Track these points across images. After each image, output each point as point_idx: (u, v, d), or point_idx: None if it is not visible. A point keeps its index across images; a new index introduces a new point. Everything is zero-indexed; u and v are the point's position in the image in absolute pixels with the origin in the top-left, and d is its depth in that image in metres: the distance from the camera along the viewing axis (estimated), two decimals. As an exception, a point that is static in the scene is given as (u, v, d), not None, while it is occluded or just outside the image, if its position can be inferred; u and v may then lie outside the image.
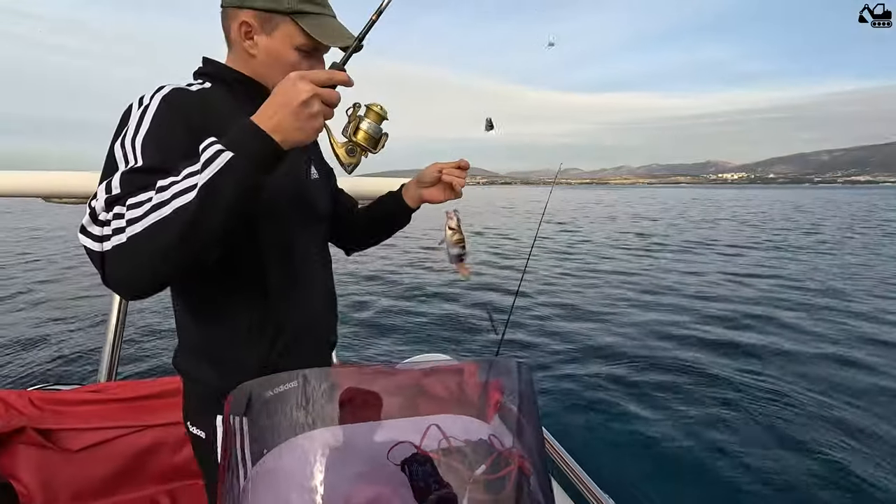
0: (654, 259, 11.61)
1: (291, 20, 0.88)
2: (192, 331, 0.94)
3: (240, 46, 0.91)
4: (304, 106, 0.70)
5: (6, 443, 1.25)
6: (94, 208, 0.69)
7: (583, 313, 6.73)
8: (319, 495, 0.65)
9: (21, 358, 5.10)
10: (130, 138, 0.76)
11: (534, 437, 0.80)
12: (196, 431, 0.94)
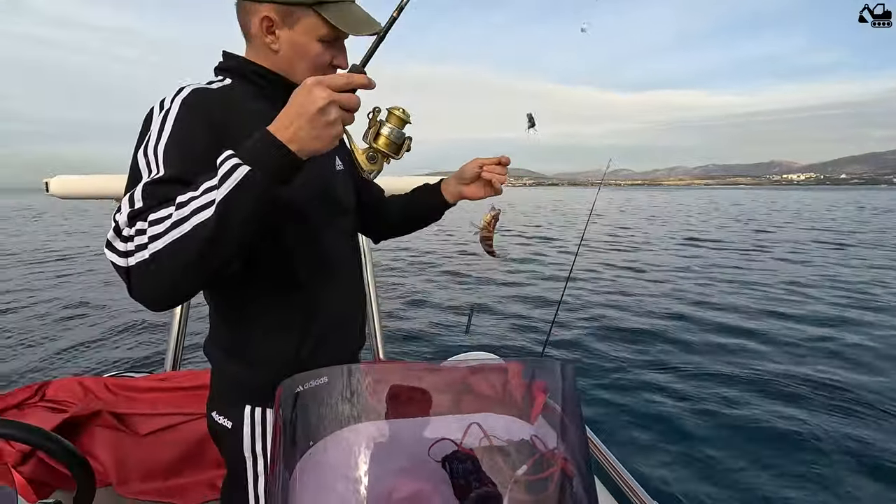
0: (718, 261, 11.03)
1: (314, 11, 0.85)
2: (221, 324, 0.95)
3: (261, 41, 0.88)
4: (320, 113, 0.67)
5: (85, 424, 1.36)
6: (117, 222, 0.68)
7: (631, 316, 6.52)
8: (363, 487, 0.66)
9: (99, 346, 5.55)
10: (153, 146, 0.75)
11: (577, 439, 0.77)
12: (221, 421, 0.94)
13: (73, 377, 1.52)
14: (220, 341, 0.95)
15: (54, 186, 1.51)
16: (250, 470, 0.93)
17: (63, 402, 1.43)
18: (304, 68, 0.89)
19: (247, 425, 0.92)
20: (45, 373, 4.82)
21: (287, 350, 0.92)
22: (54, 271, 10.39)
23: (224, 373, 0.96)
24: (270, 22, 0.86)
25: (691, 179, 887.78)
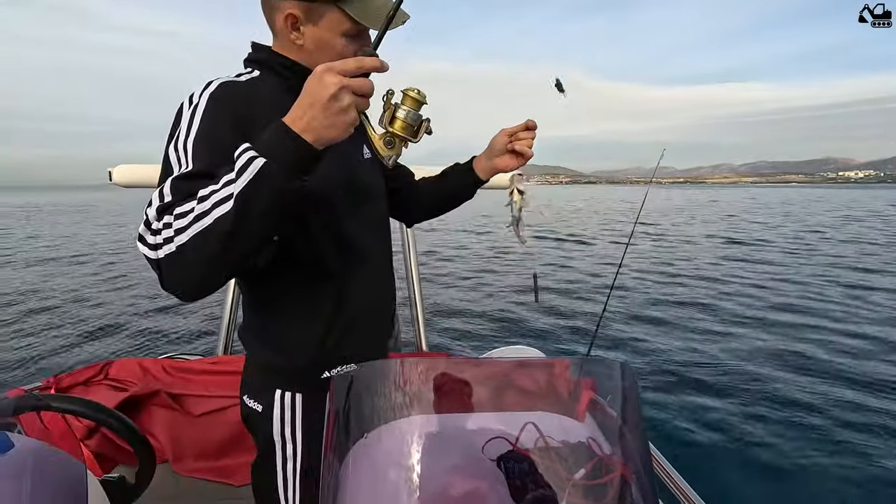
0: (767, 264, 10.48)
1: (336, 6, 0.84)
2: (252, 311, 0.96)
3: (286, 37, 0.89)
4: (332, 100, 0.66)
5: (144, 403, 1.42)
6: (147, 216, 0.70)
7: (680, 319, 6.24)
8: (416, 481, 0.65)
9: (157, 329, 5.86)
10: (182, 141, 0.76)
11: (638, 444, 0.73)
12: (252, 405, 0.96)
13: (133, 358, 1.59)
14: (251, 327, 0.97)
15: (117, 175, 1.58)
16: (279, 453, 0.94)
17: (124, 381, 1.50)
18: (329, 61, 0.89)
19: (276, 409, 0.93)
20: (107, 352, 5.12)
21: (313, 338, 0.92)
22: (119, 261, 11.03)
23: (255, 358, 0.97)
24: (295, 19, 0.86)
25: (738, 177, 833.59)
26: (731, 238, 15.09)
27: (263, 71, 0.90)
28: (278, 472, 0.95)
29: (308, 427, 0.93)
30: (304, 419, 0.93)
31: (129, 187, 1.60)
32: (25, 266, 10.47)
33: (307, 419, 0.93)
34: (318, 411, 0.89)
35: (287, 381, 0.93)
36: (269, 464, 0.95)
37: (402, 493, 0.64)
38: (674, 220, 22.89)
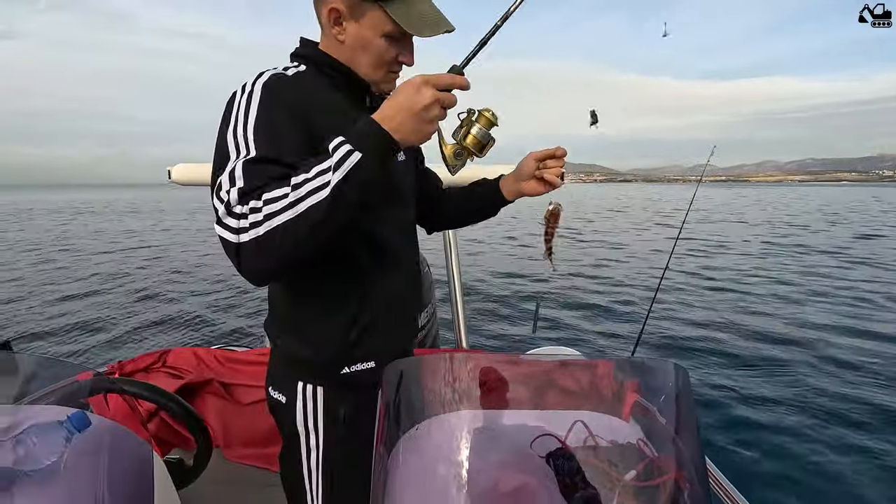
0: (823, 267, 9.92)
1: (379, 7, 0.84)
2: (279, 303, 0.97)
3: (329, 31, 0.89)
4: (425, 110, 0.72)
5: (198, 391, 1.49)
6: (227, 201, 0.71)
7: (728, 322, 5.96)
8: (466, 474, 0.65)
9: (210, 320, 6.12)
10: (242, 128, 0.77)
11: (692, 448, 0.71)
12: (276, 395, 0.97)
13: (188, 347, 1.67)
14: (277, 320, 0.98)
15: (175, 174, 1.66)
16: (303, 444, 0.95)
17: (180, 369, 1.57)
18: (368, 62, 0.90)
19: (299, 400, 0.94)
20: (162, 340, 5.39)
21: (336, 334, 0.93)
22: (168, 256, 11.56)
23: (279, 349, 0.99)
24: (338, 13, 0.86)
25: (783, 175, 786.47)
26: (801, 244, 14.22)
27: (309, 67, 0.91)
28: (303, 463, 0.96)
29: (329, 420, 0.94)
30: (326, 412, 0.94)
31: (186, 185, 1.67)
32: (95, 257, 11.11)
33: (328, 412, 0.94)
34: (338, 405, 0.93)
35: (309, 373, 0.94)
36: (294, 454, 0.97)
37: (453, 485, 0.64)
38: (722, 217, 21.99)
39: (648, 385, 0.79)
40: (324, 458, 0.95)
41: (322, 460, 0.95)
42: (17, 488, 0.67)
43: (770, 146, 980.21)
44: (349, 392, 0.94)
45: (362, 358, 0.94)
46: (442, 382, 0.75)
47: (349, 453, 0.95)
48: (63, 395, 0.84)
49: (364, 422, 0.92)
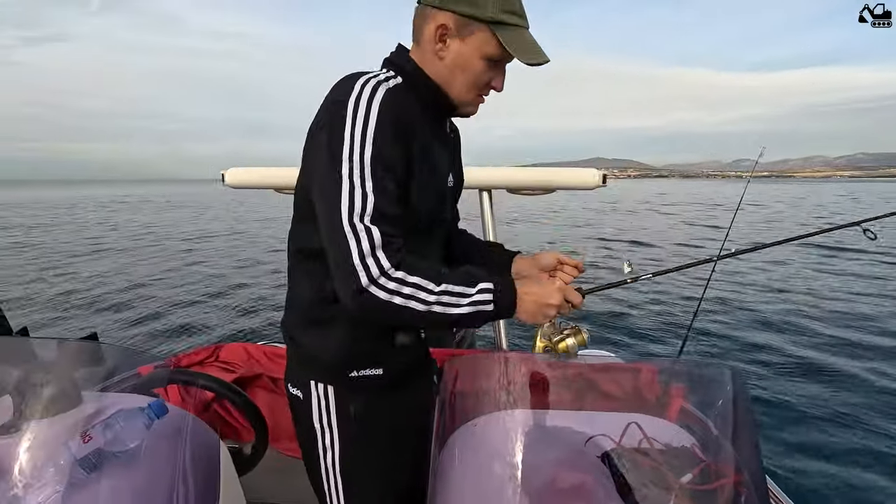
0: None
1: (489, 28, 0.86)
2: (302, 302, 0.97)
3: (430, 47, 0.90)
4: (548, 307, 0.85)
5: (250, 384, 1.56)
6: (381, 257, 0.79)
7: (782, 327, 5.61)
8: (521, 471, 0.67)
9: (260, 316, 6.32)
10: (358, 151, 0.80)
11: (750, 453, 0.71)
12: (294, 391, 0.99)
13: (239, 343, 1.74)
14: (296, 317, 1.00)
15: (229, 178, 1.74)
16: (320, 440, 0.97)
17: (232, 363, 1.65)
18: (463, 82, 0.91)
19: (314, 398, 0.96)
20: (212, 335, 5.60)
21: (349, 338, 0.94)
22: (214, 251, 11.96)
23: (294, 347, 1.01)
24: (445, 30, 0.87)
25: (832, 171, 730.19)
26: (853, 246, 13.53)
27: (405, 79, 0.92)
28: (321, 460, 0.99)
29: (342, 418, 0.96)
30: (338, 410, 0.96)
31: (238, 188, 1.75)
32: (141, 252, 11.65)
33: (340, 410, 0.96)
34: (349, 404, 0.95)
35: (321, 373, 0.96)
36: (313, 451, 0.99)
37: (511, 480, 0.66)
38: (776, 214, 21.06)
39: (703, 388, 0.79)
40: (341, 456, 0.97)
41: (339, 458, 0.97)
42: (105, 468, 0.73)
43: (817, 140, 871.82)
44: (358, 394, 0.96)
45: (371, 364, 0.95)
46: (496, 382, 0.77)
47: (364, 451, 0.98)
48: (140, 383, 0.90)
49: (375, 423, 0.97)
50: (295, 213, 0.95)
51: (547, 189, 1.68)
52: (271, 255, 10.80)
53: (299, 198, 0.92)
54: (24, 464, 0.72)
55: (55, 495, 0.70)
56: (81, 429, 0.75)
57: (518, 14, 0.88)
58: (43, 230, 16.38)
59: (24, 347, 0.87)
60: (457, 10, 0.85)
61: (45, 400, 0.78)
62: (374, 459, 0.98)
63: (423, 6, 0.90)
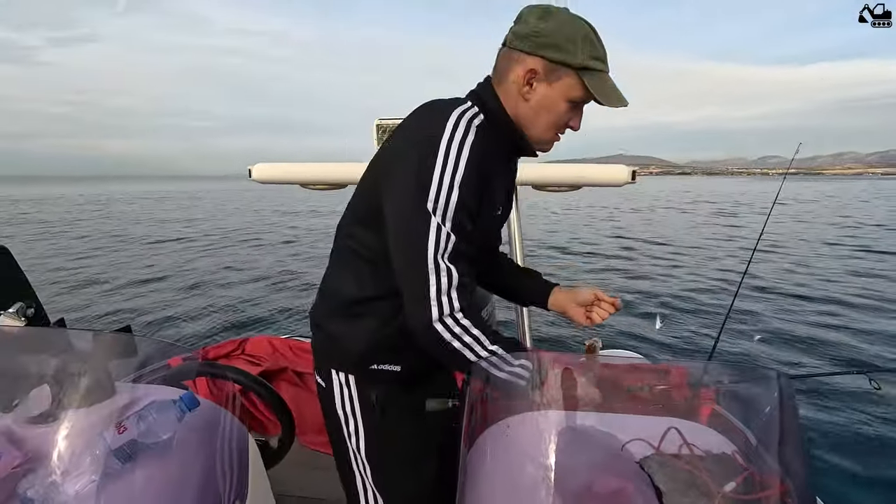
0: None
1: (577, 74, 0.89)
2: (342, 295, 0.99)
3: (516, 89, 0.92)
4: None
5: (275, 377, 1.57)
6: (453, 299, 0.83)
7: (815, 331, 5.44)
8: (559, 473, 0.65)
9: (285, 311, 6.40)
10: (449, 177, 0.83)
11: (796, 464, 0.67)
12: (319, 380, 1.04)
13: (265, 336, 1.76)
14: (328, 308, 1.03)
15: (256, 173, 1.76)
16: (345, 428, 1.01)
17: (258, 357, 1.67)
18: (546, 122, 0.94)
19: (336, 386, 1.00)
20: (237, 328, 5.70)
21: (376, 335, 0.97)
22: (235, 246, 12.15)
23: (322, 336, 1.03)
24: (534, 74, 0.90)
25: (864, 168, 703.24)
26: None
27: (487, 116, 0.93)
28: (347, 446, 1.03)
29: (364, 406, 1.00)
30: (360, 398, 1.00)
31: (265, 183, 1.77)
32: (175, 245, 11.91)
33: (362, 398, 1.00)
34: (370, 393, 0.99)
35: (341, 361, 1.00)
36: (340, 436, 1.03)
37: (546, 482, 0.64)
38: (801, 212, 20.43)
39: (746, 393, 0.75)
40: (366, 443, 1.01)
41: (364, 445, 1.01)
42: (139, 458, 0.74)
43: (849, 136, 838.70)
44: (377, 384, 0.99)
45: (391, 361, 0.98)
46: (531, 381, 0.75)
47: (387, 439, 1.01)
48: (170, 375, 0.91)
49: (396, 412, 1.00)
50: (352, 213, 0.98)
51: (574, 186, 1.65)
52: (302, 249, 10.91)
53: (363, 202, 0.95)
54: (61, 452, 0.73)
55: (91, 484, 0.71)
56: (116, 419, 0.76)
57: (602, 60, 0.91)
58: (76, 223, 16.88)
59: (62, 338, 0.88)
60: (547, 56, 0.88)
61: (81, 390, 0.79)
62: (399, 446, 1.01)
63: (510, 49, 0.92)
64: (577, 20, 0.90)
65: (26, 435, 0.75)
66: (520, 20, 0.92)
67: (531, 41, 0.89)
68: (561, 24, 0.88)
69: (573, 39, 0.88)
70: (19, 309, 0.98)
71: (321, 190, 1.78)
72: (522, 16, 0.92)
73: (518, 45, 0.90)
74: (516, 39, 0.91)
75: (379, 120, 1.66)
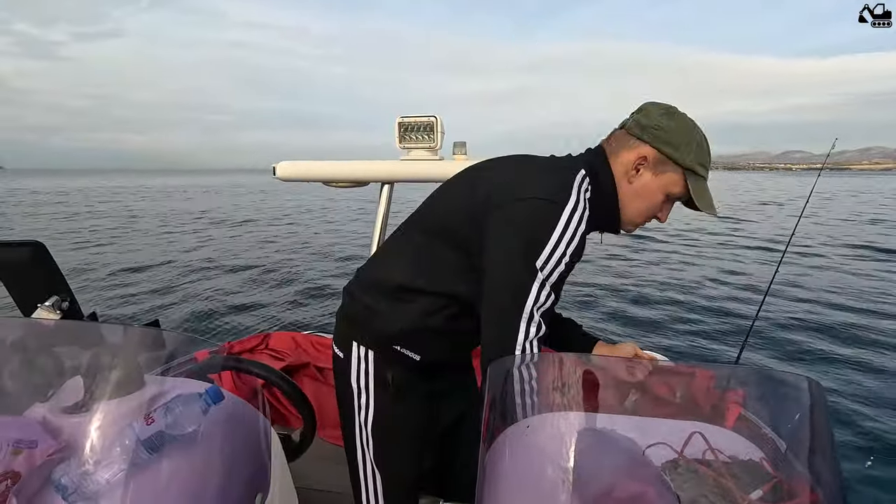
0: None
1: (682, 173, 0.94)
2: (394, 280, 1.01)
3: (623, 169, 0.97)
4: None
5: (297, 373, 1.59)
6: (533, 348, 0.86)
7: (855, 332, 5.22)
8: (578, 477, 0.63)
9: (306, 307, 6.49)
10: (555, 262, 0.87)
11: (829, 471, 0.64)
12: (337, 351, 1.08)
13: (287, 332, 1.78)
14: (370, 284, 1.05)
15: (279, 171, 1.78)
16: (356, 400, 1.05)
17: (280, 351, 1.69)
18: (639, 208, 0.99)
19: (354, 358, 1.03)
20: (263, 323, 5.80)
21: (407, 323, 1.01)
22: (261, 238, 12.34)
23: (356, 308, 1.06)
24: (644, 161, 0.95)
25: (892, 163, 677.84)
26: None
27: (594, 187, 0.96)
28: (355, 418, 1.06)
29: (379, 383, 1.03)
30: (376, 374, 1.03)
31: (288, 181, 1.78)
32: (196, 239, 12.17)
33: (378, 374, 1.03)
34: (386, 371, 1.02)
35: (365, 336, 1.03)
36: (349, 410, 1.07)
37: (565, 485, 0.63)
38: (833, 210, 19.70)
39: (775, 399, 0.72)
40: (374, 418, 1.04)
41: (373, 419, 1.04)
42: (166, 450, 0.75)
43: (877, 130, 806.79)
44: (395, 364, 1.03)
45: (414, 349, 1.02)
46: (549, 382, 0.74)
47: (395, 419, 1.04)
48: (197, 368, 0.92)
49: (409, 392, 1.03)
50: (432, 221, 1.01)
51: None
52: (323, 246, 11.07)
53: (451, 218, 0.98)
54: (93, 442, 0.74)
55: (120, 473, 0.72)
56: (145, 411, 0.77)
57: (706, 168, 0.97)
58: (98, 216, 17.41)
59: (94, 331, 0.91)
60: (661, 148, 0.94)
61: (112, 382, 0.80)
62: (404, 428, 1.06)
63: (627, 134, 0.97)
64: (695, 127, 0.96)
65: (61, 424, 0.77)
66: (642, 112, 0.97)
67: (651, 133, 0.94)
68: (681, 126, 0.94)
69: (688, 142, 0.94)
70: (55, 302, 1.02)
71: (344, 188, 1.78)
72: (646, 109, 0.97)
73: (637, 133, 0.96)
74: (637, 127, 0.96)
75: (401, 118, 1.66)
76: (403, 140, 1.66)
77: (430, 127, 1.63)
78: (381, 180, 1.78)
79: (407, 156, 1.70)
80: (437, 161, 1.67)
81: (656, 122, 0.95)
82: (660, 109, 0.97)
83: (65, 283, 1.08)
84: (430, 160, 1.67)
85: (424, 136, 1.64)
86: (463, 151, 1.67)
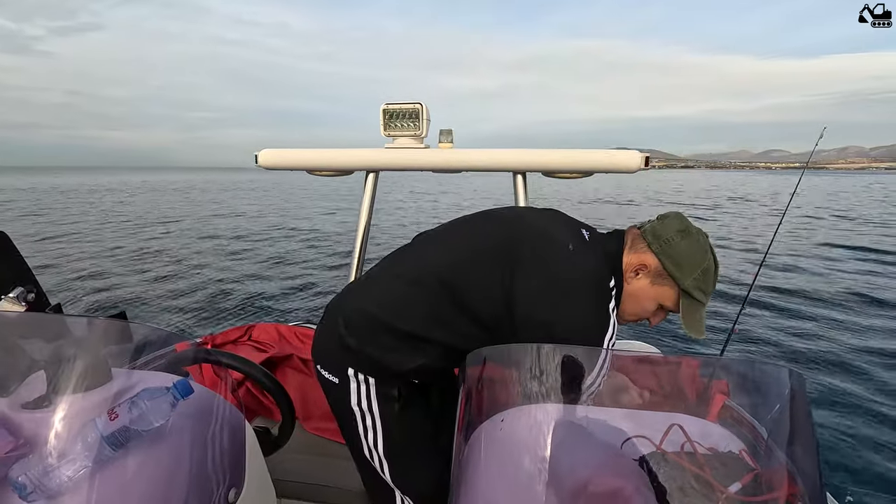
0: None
1: (679, 290, 0.94)
2: (412, 320, 0.96)
3: (630, 269, 0.97)
4: None
5: (281, 364, 1.54)
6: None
7: (837, 327, 5.26)
8: (554, 471, 0.61)
9: (295, 298, 6.41)
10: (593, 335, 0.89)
11: (808, 462, 0.62)
12: (328, 376, 1.03)
13: (271, 323, 1.73)
14: (379, 322, 0.98)
15: (262, 159, 1.71)
16: (360, 423, 1.01)
17: (264, 343, 1.64)
18: (631, 309, 0.99)
19: (353, 384, 0.99)
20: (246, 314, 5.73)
21: (407, 363, 0.97)
22: (249, 238, 12.19)
23: (354, 340, 0.98)
24: (644, 268, 0.95)
25: (869, 162, 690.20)
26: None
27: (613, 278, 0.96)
28: (363, 441, 1.02)
29: (384, 400, 0.99)
30: (378, 394, 0.99)
31: (272, 169, 1.72)
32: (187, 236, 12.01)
33: (381, 394, 0.99)
34: (391, 389, 0.99)
35: (364, 366, 0.98)
36: (354, 432, 1.02)
37: (541, 480, 0.60)
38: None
39: (756, 390, 0.70)
40: (384, 437, 1.00)
41: (382, 438, 1.00)
42: (131, 446, 0.71)
43: (854, 130, 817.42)
44: (398, 381, 1.00)
45: (421, 377, 1.02)
46: (527, 373, 0.70)
47: (407, 430, 1.01)
48: (168, 362, 0.88)
49: (413, 407, 1.01)
50: (465, 301, 0.94)
51: (586, 172, 1.56)
52: (310, 239, 10.96)
53: (486, 309, 0.93)
54: (54, 438, 0.70)
55: (84, 470, 0.68)
56: (110, 406, 0.72)
57: (706, 294, 0.95)
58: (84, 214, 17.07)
59: (58, 324, 0.86)
60: (665, 263, 0.93)
61: (75, 376, 0.76)
62: (415, 436, 1.02)
63: (641, 236, 0.97)
64: (707, 253, 0.94)
65: (21, 420, 0.72)
66: (663, 221, 0.97)
67: (660, 244, 0.94)
68: (692, 248, 0.93)
69: (693, 266, 0.92)
70: (20, 294, 0.96)
71: (328, 176, 1.73)
72: (667, 219, 0.97)
73: (649, 239, 0.95)
74: (650, 234, 0.95)
75: (386, 105, 1.60)
76: (388, 127, 1.60)
77: (415, 114, 1.57)
78: (366, 168, 1.72)
79: (392, 144, 1.65)
80: (422, 149, 1.62)
81: (670, 236, 0.94)
82: (679, 225, 0.96)
83: (30, 273, 1.02)
84: (416, 148, 1.62)
85: (410, 124, 1.58)
86: (449, 139, 1.62)
